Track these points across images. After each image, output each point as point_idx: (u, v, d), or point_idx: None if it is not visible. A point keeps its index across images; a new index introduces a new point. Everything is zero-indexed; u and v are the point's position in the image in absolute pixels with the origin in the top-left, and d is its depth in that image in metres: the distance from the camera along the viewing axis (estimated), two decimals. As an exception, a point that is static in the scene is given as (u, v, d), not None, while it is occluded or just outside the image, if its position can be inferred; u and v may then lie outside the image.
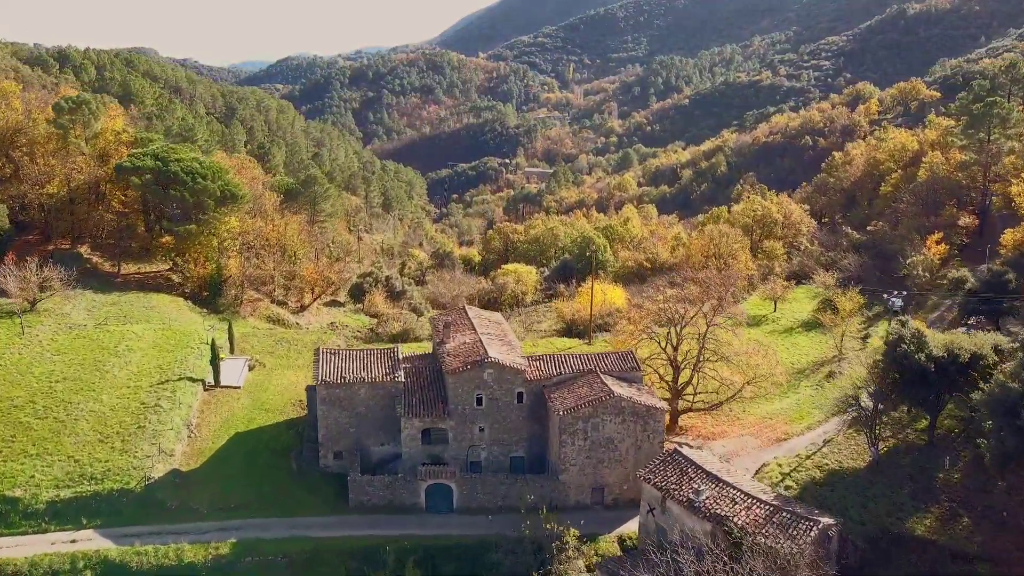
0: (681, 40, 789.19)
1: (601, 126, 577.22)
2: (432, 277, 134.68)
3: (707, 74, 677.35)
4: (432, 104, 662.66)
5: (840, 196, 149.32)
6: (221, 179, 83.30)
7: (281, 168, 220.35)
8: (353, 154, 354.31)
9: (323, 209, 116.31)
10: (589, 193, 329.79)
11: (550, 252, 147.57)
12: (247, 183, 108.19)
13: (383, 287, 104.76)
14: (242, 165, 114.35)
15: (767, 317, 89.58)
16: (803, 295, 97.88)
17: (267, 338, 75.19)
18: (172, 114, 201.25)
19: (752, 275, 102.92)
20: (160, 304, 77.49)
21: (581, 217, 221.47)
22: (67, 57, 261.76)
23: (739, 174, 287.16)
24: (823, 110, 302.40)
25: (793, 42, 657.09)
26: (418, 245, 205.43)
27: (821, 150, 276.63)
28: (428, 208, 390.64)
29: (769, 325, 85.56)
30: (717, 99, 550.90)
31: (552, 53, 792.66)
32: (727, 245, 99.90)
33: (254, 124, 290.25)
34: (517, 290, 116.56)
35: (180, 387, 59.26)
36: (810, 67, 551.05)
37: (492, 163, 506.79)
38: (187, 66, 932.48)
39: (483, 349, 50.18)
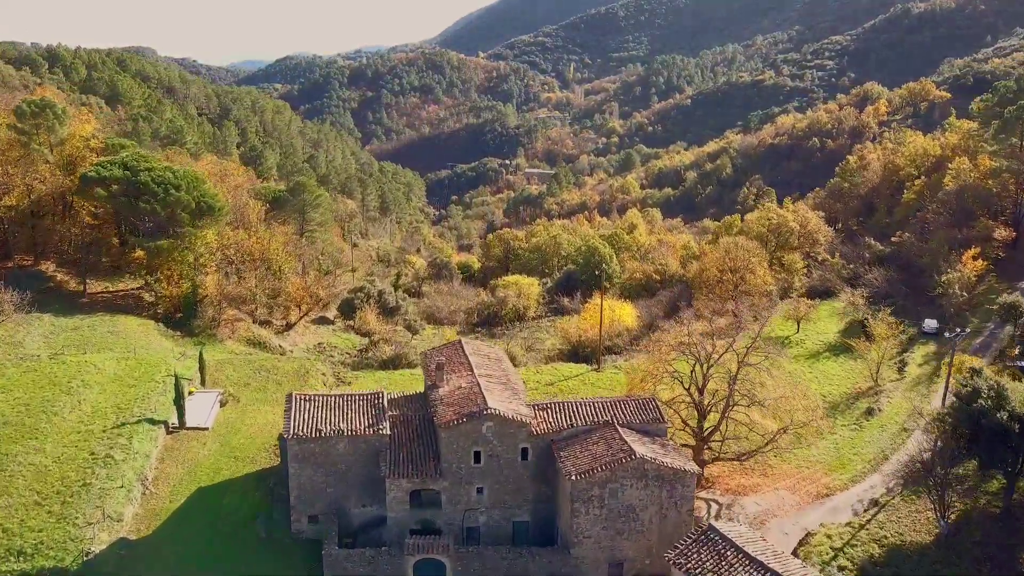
0: (682, 39, 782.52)
1: (602, 126, 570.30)
2: (429, 289, 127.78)
3: (709, 74, 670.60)
4: (432, 104, 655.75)
5: (857, 203, 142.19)
6: (197, 190, 76.21)
7: (274, 171, 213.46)
8: (350, 155, 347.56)
9: (313, 218, 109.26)
10: (591, 195, 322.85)
11: (553, 261, 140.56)
12: (231, 191, 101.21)
13: (375, 303, 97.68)
14: (225, 172, 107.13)
15: (790, 339, 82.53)
16: (826, 313, 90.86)
17: (244, 366, 68.13)
18: (161, 116, 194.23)
19: (771, 291, 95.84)
20: (127, 328, 70.42)
21: (584, 222, 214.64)
22: (57, 57, 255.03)
23: (745, 176, 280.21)
24: (830, 111, 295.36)
25: (796, 41, 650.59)
26: (415, 251, 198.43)
27: (830, 152, 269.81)
28: (427, 210, 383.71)
29: (793, 349, 78.56)
30: (719, 99, 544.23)
31: (552, 52, 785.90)
32: (744, 258, 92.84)
33: (248, 125, 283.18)
34: (519, 304, 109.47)
35: (138, 432, 52.17)
36: (814, 67, 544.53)
37: (492, 164, 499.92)
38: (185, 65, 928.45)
39: (481, 397, 42.98)
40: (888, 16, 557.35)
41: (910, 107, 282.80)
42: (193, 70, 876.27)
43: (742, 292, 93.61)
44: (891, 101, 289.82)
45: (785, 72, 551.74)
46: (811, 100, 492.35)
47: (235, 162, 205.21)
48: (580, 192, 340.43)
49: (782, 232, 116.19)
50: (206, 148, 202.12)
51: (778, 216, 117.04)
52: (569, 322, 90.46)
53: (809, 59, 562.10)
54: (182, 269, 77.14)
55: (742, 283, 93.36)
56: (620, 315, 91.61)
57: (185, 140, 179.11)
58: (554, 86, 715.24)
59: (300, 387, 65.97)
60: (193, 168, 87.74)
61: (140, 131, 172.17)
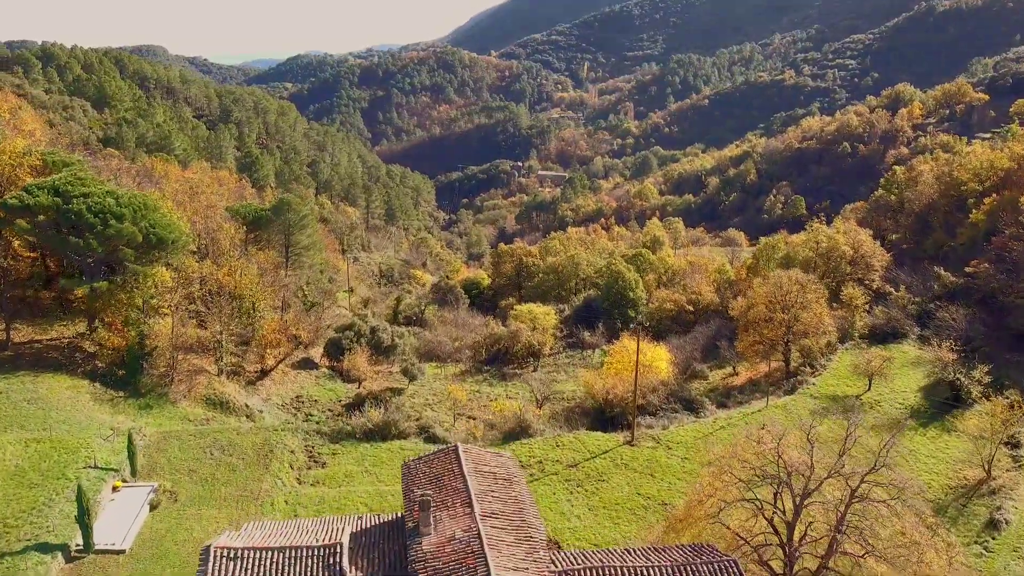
0: (698, 38, 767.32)
1: (617, 127, 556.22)
2: (433, 317, 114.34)
3: (726, 73, 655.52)
4: (443, 104, 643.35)
5: (910, 220, 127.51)
6: (146, 219, 62.84)
7: (272, 179, 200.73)
8: (357, 158, 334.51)
9: (299, 241, 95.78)
10: (607, 202, 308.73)
11: (570, 283, 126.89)
12: (201, 212, 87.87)
13: (367, 342, 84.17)
14: (193, 189, 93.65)
15: (861, 401, 68.36)
16: (898, 363, 76.56)
17: (194, 443, 54.88)
18: (150, 119, 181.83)
19: (828, 331, 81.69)
20: (51, 393, 57.34)
21: (601, 232, 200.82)
22: (51, 56, 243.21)
23: (771, 183, 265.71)
24: (860, 113, 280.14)
25: (815, 40, 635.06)
26: (421, 265, 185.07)
27: (862, 158, 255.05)
28: (436, 215, 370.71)
29: (867, 415, 64.53)
30: (738, 99, 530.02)
31: (566, 51, 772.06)
32: (799, 294, 78.83)
33: (249, 128, 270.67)
34: (533, 339, 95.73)
35: (20, 567, 38.89)
36: (835, 66, 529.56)
37: (504, 166, 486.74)
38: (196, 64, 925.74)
39: (483, 558, 29.39)
40: (912, 14, 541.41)
41: (945, 109, 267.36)
42: (204, 69, 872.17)
43: (796, 334, 79.74)
44: (924, 103, 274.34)
45: (806, 72, 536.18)
46: (833, 100, 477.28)
47: (230, 169, 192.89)
48: (596, 198, 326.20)
49: (832, 257, 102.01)
50: (199, 154, 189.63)
51: (828, 239, 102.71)
52: (593, 375, 76.44)
53: (830, 58, 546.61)
54: (128, 314, 63.76)
55: (795, 323, 79.31)
56: (653, 361, 77.64)
57: (173, 146, 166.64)
58: (568, 85, 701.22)
59: (259, 473, 52.50)
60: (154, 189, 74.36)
61: (124, 136, 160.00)
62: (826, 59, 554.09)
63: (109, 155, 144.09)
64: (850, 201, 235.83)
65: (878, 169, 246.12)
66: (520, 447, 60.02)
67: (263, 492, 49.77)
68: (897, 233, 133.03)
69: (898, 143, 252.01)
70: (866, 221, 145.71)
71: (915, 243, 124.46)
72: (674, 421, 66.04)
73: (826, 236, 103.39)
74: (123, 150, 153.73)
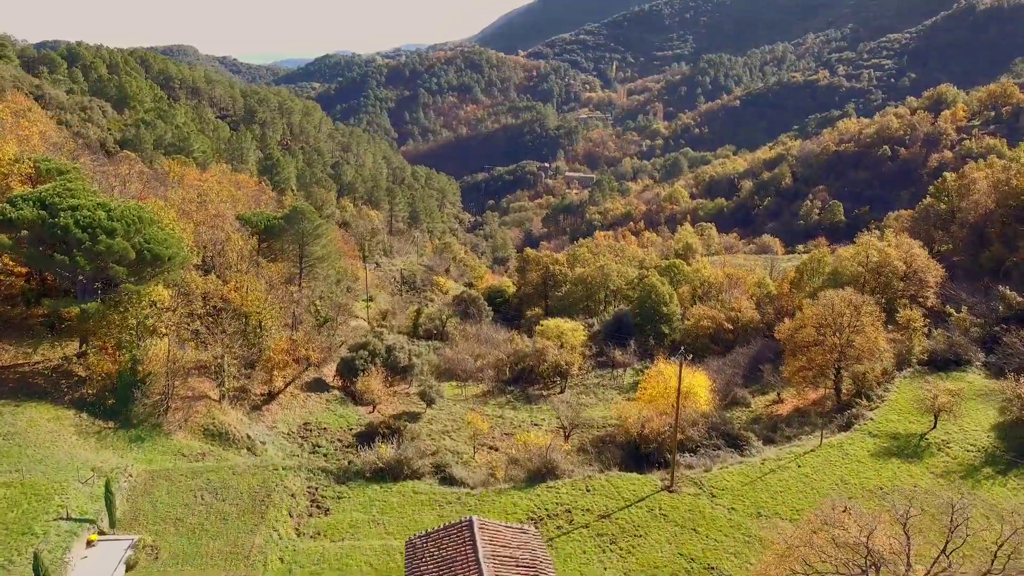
0: (729, 38, 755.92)
1: (646, 127, 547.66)
2: (455, 331, 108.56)
3: (758, 73, 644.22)
4: (469, 104, 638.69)
5: (964, 232, 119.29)
6: (140, 233, 57.61)
7: (293, 181, 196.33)
8: (382, 159, 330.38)
9: (313, 252, 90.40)
10: (636, 205, 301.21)
11: (600, 295, 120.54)
12: (208, 221, 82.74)
13: (382, 362, 78.49)
14: (202, 197, 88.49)
15: (927, 441, 61.12)
16: (964, 394, 69.16)
17: (186, 482, 49.53)
18: (170, 120, 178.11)
19: (883, 356, 74.56)
20: (30, 427, 52.17)
21: (631, 240, 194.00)
22: (76, 56, 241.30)
23: (807, 187, 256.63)
24: (901, 115, 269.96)
25: (850, 40, 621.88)
26: (444, 272, 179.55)
27: (903, 162, 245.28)
28: (461, 216, 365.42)
29: (935, 458, 57.45)
30: (770, 100, 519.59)
31: (594, 51, 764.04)
32: (853, 316, 71.81)
33: (273, 128, 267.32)
34: (560, 359, 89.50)
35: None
36: (871, 66, 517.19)
37: (531, 167, 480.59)
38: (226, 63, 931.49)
39: None
40: (951, 13, 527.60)
41: (990, 111, 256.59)
42: (233, 68, 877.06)
43: (848, 359, 72.84)
44: (968, 105, 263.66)
45: (840, 72, 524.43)
46: (869, 101, 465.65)
47: (251, 171, 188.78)
48: (624, 201, 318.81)
49: (883, 272, 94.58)
50: (220, 156, 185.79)
51: (879, 252, 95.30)
52: (626, 406, 70.06)
53: (866, 58, 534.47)
54: (121, 337, 58.56)
55: (848, 347, 72.39)
56: (692, 388, 71.00)
57: (192, 148, 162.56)
58: (596, 85, 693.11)
59: (254, 523, 46.86)
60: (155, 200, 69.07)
61: (142, 138, 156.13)
62: (861, 59, 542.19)
63: (125, 157, 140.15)
64: (891, 207, 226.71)
65: (920, 174, 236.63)
66: (546, 491, 53.92)
67: (255, 548, 44.09)
68: (947, 245, 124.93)
69: (941, 146, 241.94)
70: (913, 231, 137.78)
71: (969, 257, 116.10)
72: (717, 460, 59.47)
73: (876, 250, 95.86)
74: (140, 152, 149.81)
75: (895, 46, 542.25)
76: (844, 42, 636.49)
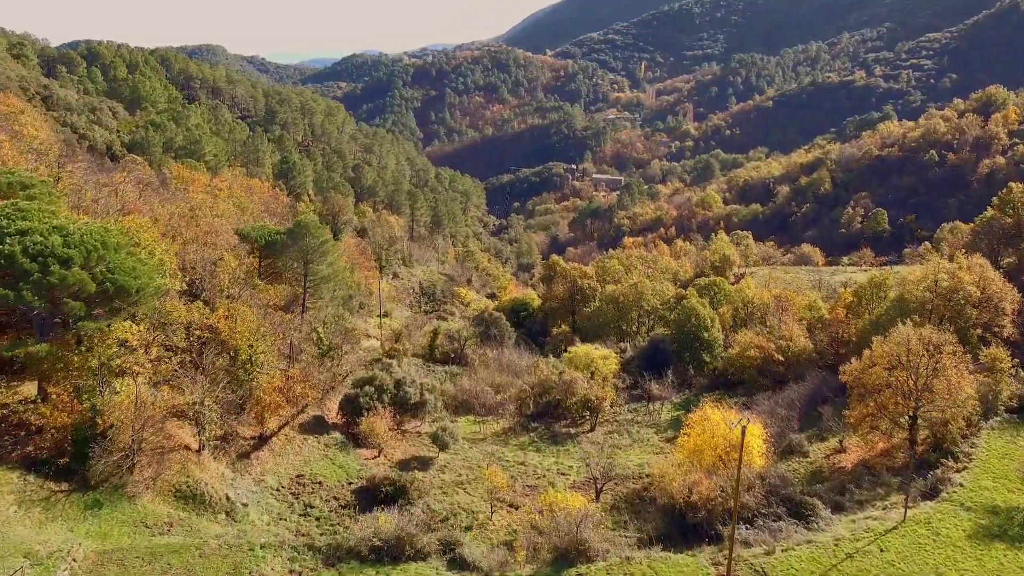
0: (761, 37, 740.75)
1: (675, 129, 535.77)
2: (474, 355, 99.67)
3: (791, 73, 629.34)
4: (496, 104, 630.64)
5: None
6: (105, 261, 49.32)
7: (310, 186, 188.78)
8: (405, 161, 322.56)
9: (318, 272, 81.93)
10: (667, 210, 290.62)
11: (632, 315, 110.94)
12: (199, 239, 74.44)
13: (390, 398, 69.82)
14: (193, 211, 79.82)
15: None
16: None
17: (140, 569, 41.07)
18: (184, 122, 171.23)
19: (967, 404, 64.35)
20: (-37, 496, 44.25)
21: (663, 249, 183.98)
22: (96, 55, 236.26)
23: (847, 193, 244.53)
24: (948, 118, 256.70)
25: (887, 39, 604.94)
26: (466, 282, 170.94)
27: (951, 167, 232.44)
28: (486, 219, 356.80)
29: (1046, 539, 47.50)
30: (804, 101, 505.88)
31: (623, 50, 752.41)
32: (933, 359, 61.89)
33: (293, 130, 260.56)
34: (590, 393, 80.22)
35: None
36: (909, 66, 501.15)
37: (558, 168, 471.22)
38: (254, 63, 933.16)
39: None
40: (994, 12, 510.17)
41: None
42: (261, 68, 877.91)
43: (925, 405, 62.90)
44: (1020, 107, 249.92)
45: (877, 72, 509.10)
46: (908, 103, 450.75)
47: (267, 175, 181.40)
48: (654, 205, 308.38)
49: (955, 300, 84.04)
50: (235, 159, 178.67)
51: (949, 276, 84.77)
52: (668, 465, 60.49)
53: (904, 58, 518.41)
54: (80, 382, 50.31)
55: (926, 392, 62.40)
56: (745, 441, 61.34)
57: (204, 151, 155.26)
58: (624, 85, 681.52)
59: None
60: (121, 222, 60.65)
61: (150, 140, 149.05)
62: (899, 59, 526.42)
63: (131, 162, 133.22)
64: (939, 215, 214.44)
65: (970, 180, 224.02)
66: (576, 578, 44.74)
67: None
68: (1011, 258, 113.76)
69: (993, 151, 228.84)
70: (975, 246, 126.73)
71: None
72: (779, 536, 49.91)
73: (947, 273, 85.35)
74: (148, 155, 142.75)
75: (935, 46, 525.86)
76: (880, 41, 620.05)
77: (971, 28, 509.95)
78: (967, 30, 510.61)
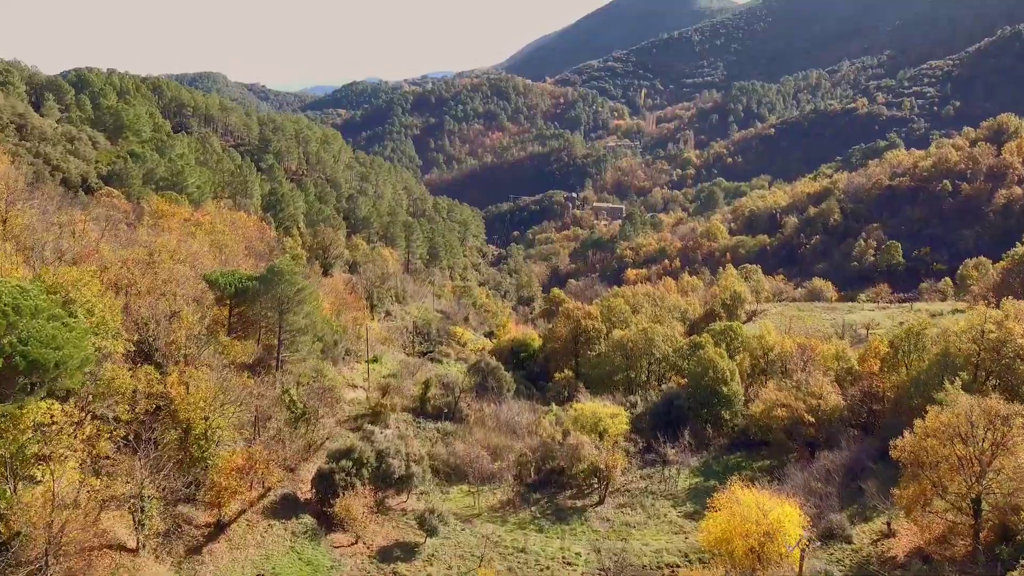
0: (761, 65, 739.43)
1: (677, 156, 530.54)
2: (469, 409, 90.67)
3: (792, 101, 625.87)
4: (495, 131, 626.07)
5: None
6: (16, 329, 40.74)
7: (300, 220, 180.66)
8: (402, 190, 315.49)
9: (293, 323, 73.34)
10: (671, 241, 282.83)
11: (642, 363, 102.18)
12: (157, 289, 65.72)
13: (371, 473, 60.92)
14: (151, 258, 70.48)
15: None
16: None
17: None
18: (167, 152, 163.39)
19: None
20: None
21: (670, 286, 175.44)
22: (86, 82, 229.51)
23: (857, 225, 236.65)
24: (959, 147, 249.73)
25: (887, 67, 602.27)
26: (463, 320, 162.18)
27: (965, 198, 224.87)
28: (485, 249, 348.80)
29: None
30: (806, 129, 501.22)
31: (622, 78, 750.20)
32: (1000, 432, 53.31)
33: (287, 159, 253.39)
34: (598, 460, 71.24)
35: None
36: (912, 94, 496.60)
37: (558, 196, 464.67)
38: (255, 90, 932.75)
39: None
40: (996, 39, 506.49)
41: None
42: (262, 95, 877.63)
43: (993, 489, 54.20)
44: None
45: (880, 100, 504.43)
46: (912, 131, 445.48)
47: (255, 207, 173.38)
48: (657, 236, 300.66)
49: (1003, 353, 75.48)
50: (222, 190, 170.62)
51: (998, 326, 76.19)
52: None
53: (906, 86, 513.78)
54: (-12, 474, 41.48)
55: (990, 471, 53.66)
56: (778, 524, 52.52)
57: (186, 183, 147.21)
58: (624, 113, 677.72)
59: None
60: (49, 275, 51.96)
61: (129, 171, 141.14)
62: (901, 86, 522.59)
63: (107, 195, 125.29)
64: (955, 248, 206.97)
65: (986, 211, 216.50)
66: None
67: None
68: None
69: (1008, 181, 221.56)
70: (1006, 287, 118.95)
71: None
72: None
73: (994, 323, 76.82)
74: (127, 188, 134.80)
75: (937, 73, 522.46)
76: (881, 69, 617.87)
77: (973, 56, 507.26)
78: (969, 58, 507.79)
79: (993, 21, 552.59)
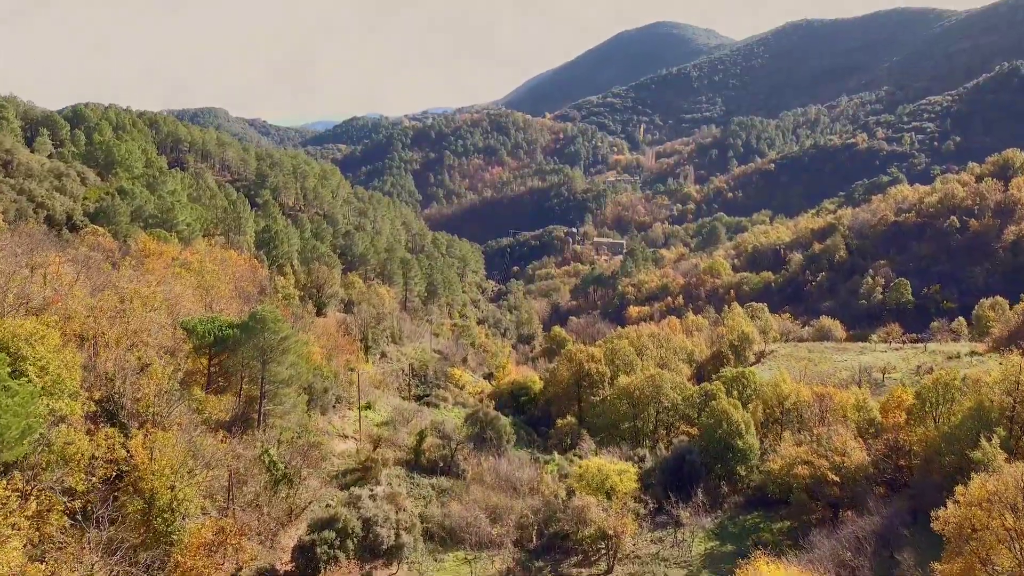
0: (760, 100, 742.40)
1: (677, 191, 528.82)
2: (466, 464, 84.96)
3: (791, 136, 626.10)
4: (495, 166, 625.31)
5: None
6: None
7: (294, 258, 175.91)
8: (401, 226, 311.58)
9: (276, 374, 68.07)
10: (673, 277, 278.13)
11: (650, 411, 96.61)
12: (126, 339, 60.62)
13: (357, 544, 55.30)
14: (121, 305, 65.41)
15: None
16: None
17: None
18: (158, 188, 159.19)
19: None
20: None
21: (675, 326, 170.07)
22: (82, 117, 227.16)
23: (864, 261, 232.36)
24: (965, 183, 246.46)
25: (886, 103, 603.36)
26: (461, 361, 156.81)
27: (973, 234, 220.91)
28: (485, 285, 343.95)
29: None
30: (806, 164, 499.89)
31: (622, 113, 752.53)
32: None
33: (284, 195, 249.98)
34: (606, 524, 65.51)
35: None
36: (911, 129, 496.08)
37: (558, 232, 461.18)
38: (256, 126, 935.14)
39: None
40: (994, 75, 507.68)
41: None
42: (263, 131, 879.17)
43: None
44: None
45: (880, 135, 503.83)
46: (912, 166, 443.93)
47: (247, 244, 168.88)
48: (659, 272, 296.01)
49: (1040, 405, 70.11)
50: (215, 227, 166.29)
51: (1033, 377, 70.87)
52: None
53: (906, 121, 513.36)
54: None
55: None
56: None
57: (176, 220, 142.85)
58: (623, 148, 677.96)
59: None
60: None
61: (116, 209, 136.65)
62: (901, 121, 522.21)
63: (92, 233, 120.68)
64: (964, 285, 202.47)
65: (995, 248, 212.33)
66: None
67: None
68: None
69: (1017, 217, 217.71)
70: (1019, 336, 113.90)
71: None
72: None
73: (1029, 373, 71.50)
74: (114, 225, 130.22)
75: (936, 108, 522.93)
76: (879, 104, 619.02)
77: (971, 91, 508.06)
78: (967, 93, 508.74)
79: (989, 58, 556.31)
